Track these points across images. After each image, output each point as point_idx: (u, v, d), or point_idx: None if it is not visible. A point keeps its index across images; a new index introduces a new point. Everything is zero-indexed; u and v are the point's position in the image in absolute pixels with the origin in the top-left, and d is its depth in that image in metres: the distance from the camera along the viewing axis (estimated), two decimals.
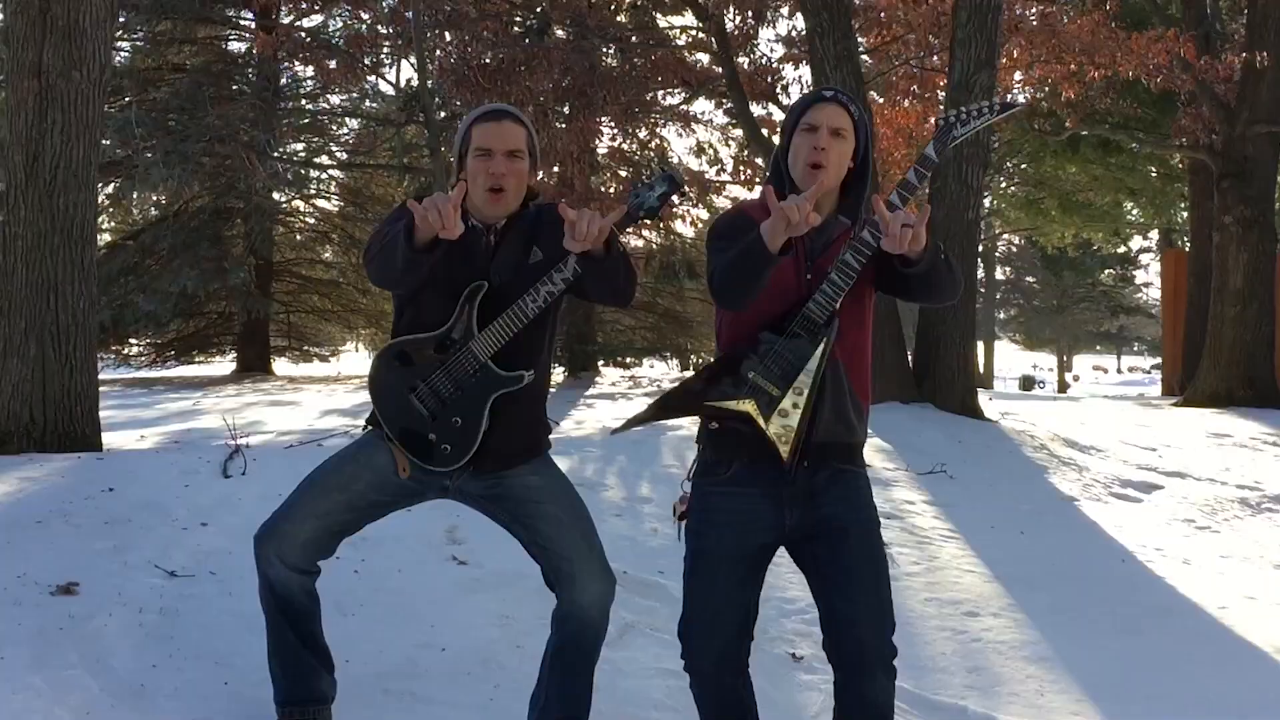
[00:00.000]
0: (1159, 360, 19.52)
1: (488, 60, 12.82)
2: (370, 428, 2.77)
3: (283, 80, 17.71)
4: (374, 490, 2.69)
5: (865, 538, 2.44)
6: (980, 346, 29.00)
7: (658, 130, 16.29)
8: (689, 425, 7.49)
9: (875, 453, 6.94)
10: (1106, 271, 38.86)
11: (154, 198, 17.79)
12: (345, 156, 19.36)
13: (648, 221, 2.55)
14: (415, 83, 13.55)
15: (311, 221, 20.13)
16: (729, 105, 14.76)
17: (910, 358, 9.82)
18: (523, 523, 2.69)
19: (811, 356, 2.36)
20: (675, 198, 2.54)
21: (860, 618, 2.38)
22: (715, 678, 2.50)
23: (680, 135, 24.08)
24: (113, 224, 19.67)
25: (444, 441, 2.62)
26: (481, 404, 2.61)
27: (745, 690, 2.57)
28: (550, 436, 2.83)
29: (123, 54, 16.72)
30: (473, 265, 2.64)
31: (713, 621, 2.47)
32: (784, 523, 2.44)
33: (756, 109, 14.22)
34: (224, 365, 19.38)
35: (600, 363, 19.06)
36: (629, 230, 2.52)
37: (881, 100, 14.74)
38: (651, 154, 16.60)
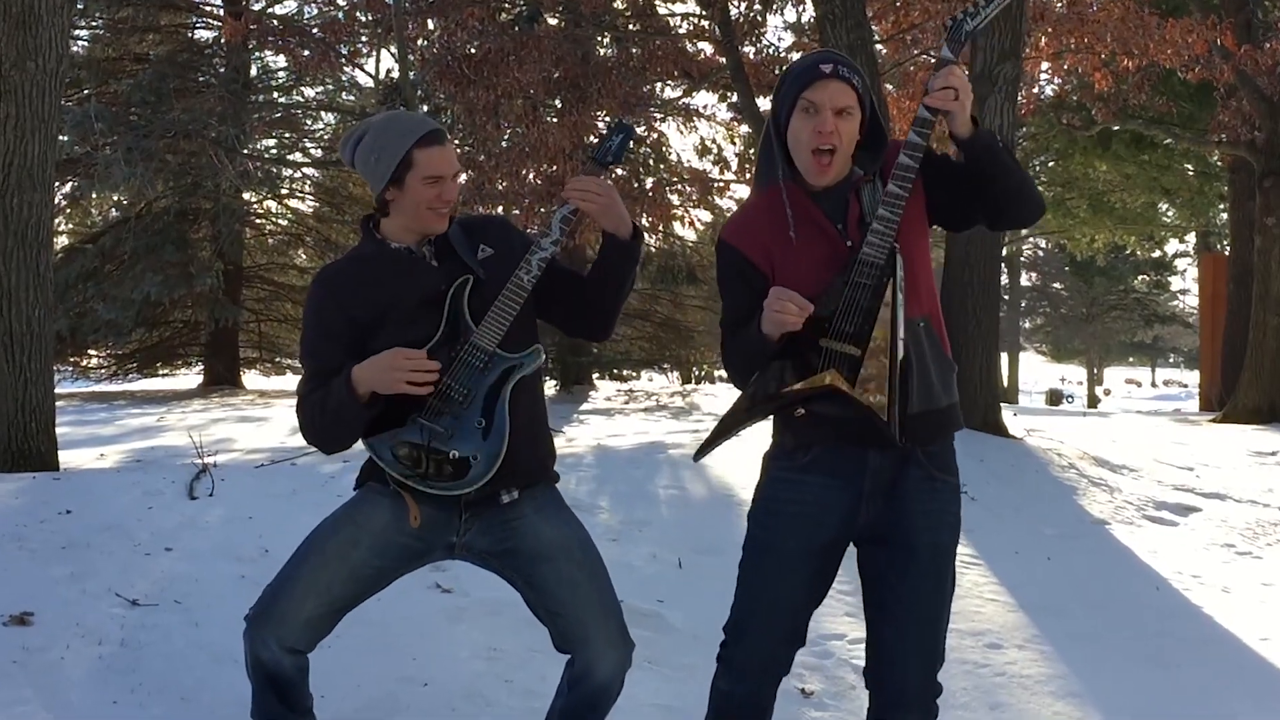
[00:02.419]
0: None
1: (473, 50, 12.84)
2: (366, 483, 2.71)
3: (253, 71, 17.77)
4: (376, 555, 2.65)
5: (934, 563, 2.41)
6: (1004, 358, 29.00)
7: (656, 125, 16.33)
8: (689, 445, 7.51)
9: None
10: (1140, 277, 39.00)
11: (115, 198, 17.85)
12: (320, 153, 19.39)
13: (613, 168, 2.63)
14: (396, 74, 13.61)
15: (284, 223, 20.17)
16: (733, 99, 14.80)
17: None
18: (535, 585, 2.65)
19: (882, 303, 2.28)
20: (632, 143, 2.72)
21: (909, 656, 2.38)
22: (759, 682, 2.48)
23: (682, 133, 24.20)
24: (70, 226, 19.71)
25: (472, 452, 2.57)
26: (500, 395, 2.59)
27: (770, 711, 2.56)
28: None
29: (81, 43, 16.78)
30: (420, 281, 2.63)
31: (768, 620, 2.44)
32: (857, 518, 2.40)
33: (763, 102, 14.25)
34: (190, 378, 19.38)
35: (595, 376, 19.09)
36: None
37: (898, 92, 14.77)
38: (648, 149, 16.64)
